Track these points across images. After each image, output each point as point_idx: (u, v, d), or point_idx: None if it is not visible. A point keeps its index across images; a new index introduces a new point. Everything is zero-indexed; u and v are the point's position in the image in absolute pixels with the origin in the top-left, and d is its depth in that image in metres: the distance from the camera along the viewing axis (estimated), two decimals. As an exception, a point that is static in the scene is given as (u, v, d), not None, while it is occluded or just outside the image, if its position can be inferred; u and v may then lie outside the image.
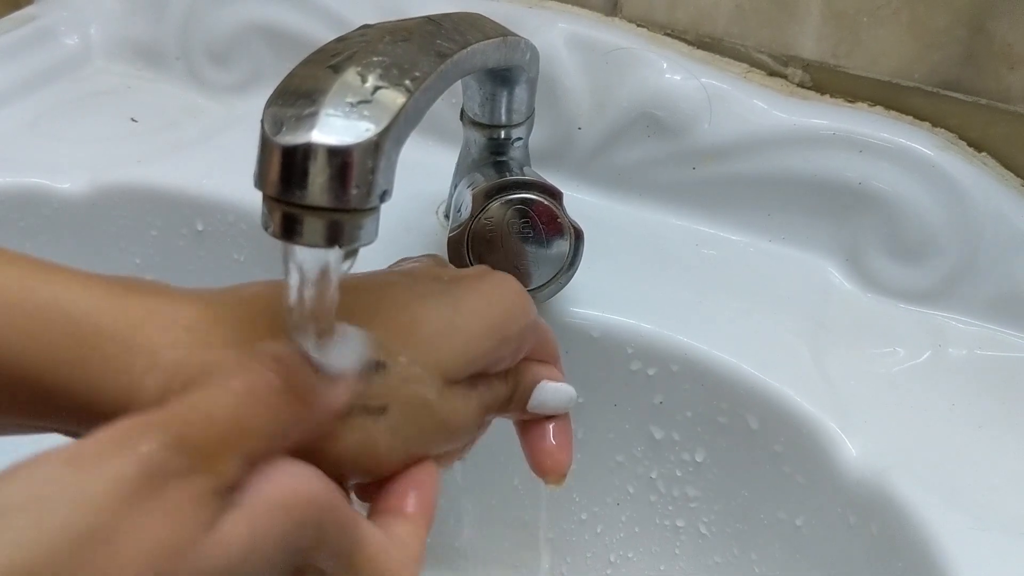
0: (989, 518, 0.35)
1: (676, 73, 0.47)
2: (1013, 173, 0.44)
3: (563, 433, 0.32)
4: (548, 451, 0.32)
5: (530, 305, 0.31)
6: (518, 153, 0.42)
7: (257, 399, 0.22)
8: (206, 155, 0.51)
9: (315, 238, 0.23)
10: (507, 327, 0.29)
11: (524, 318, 0.30)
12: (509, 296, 0.30)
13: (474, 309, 0.29)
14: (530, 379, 0.32)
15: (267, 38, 0.54)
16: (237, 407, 0.22)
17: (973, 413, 0.40)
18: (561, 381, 0.32)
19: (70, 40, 0.59)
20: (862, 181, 0.45)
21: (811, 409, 0.39)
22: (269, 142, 0.23)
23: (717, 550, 0.44)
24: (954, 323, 0.45)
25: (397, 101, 0.24)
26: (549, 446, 0.32)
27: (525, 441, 0.32)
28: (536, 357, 0.32)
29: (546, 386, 0.32)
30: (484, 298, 0.30)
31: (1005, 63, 0.42)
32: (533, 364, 0.32)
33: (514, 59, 0.35)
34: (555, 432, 0.32)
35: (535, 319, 0.31)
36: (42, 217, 0.49)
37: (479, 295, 0.30)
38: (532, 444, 0.32)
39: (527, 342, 0.31)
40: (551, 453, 0.32)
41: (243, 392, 0.22)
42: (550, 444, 0.32)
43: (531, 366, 0.32)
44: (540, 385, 0.32)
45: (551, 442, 0.32)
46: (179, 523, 0.19)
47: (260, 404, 0.22)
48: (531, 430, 0.32)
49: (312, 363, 0.24)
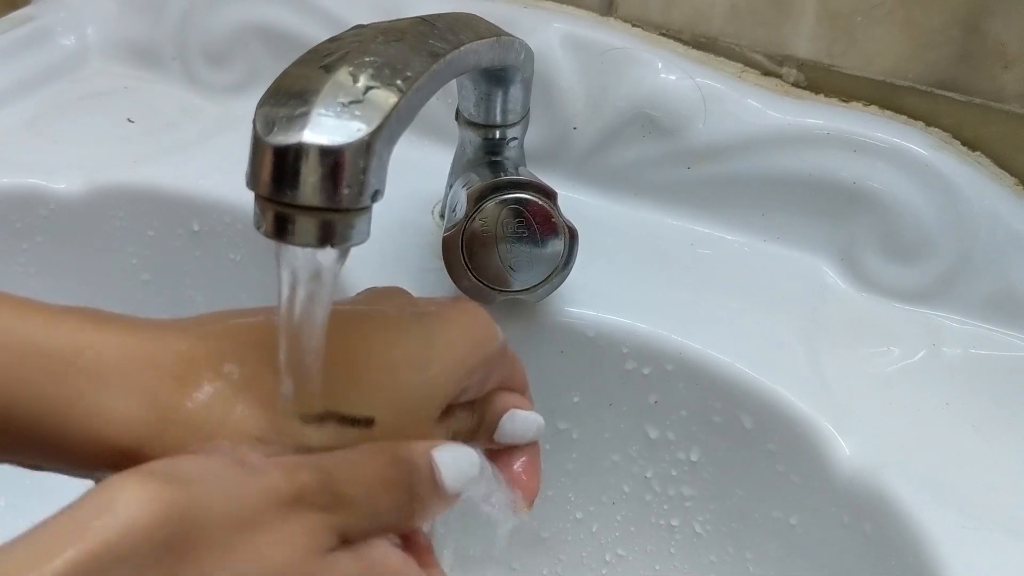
0: (982, 517, 0.35)
1: (671, 73, 0.47)
2: (1007, 172, 0.44)
3: (532, 463, 0.32)
4: (516, 480, 0.32)
5: (497, 333, 0.31)
6: (513, 153, 0.42)
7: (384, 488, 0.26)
8: (203, 156, 0.51)
9: (307, 238, 0.24)
10: (475, 356, 0.29)
11: (491, 346, 0.30)
12: (478, 325, 0.30)
13: (447, 342, 0.29)
14: (499, 408, 0.31)
15: (264, 39, 0.54)
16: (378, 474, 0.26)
17: (967, 412, 0.41)
18: (530, 410, 0.32)
19: (67, 41, 0.59)
20: (857, 181, 0.45)
21: (805, 408, 0.39)
22: (261, 142, 0.23)
23: (712, 549, 0.44)
24: (949, 322, 0.45)
25: (389, 101, 0.24)
26: (517, 475, 0.32)
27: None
28: (505, 386, 0.32)
29: (515, 415, 0.31)
30: (455, 328, 0.29)
31: (999, 63, 0.42)
32: (502, 393, 0.32)
33: (508, 59, 0.35)
34: (524, 463, 0.32)
35: (502, 346, 0.31)
36: (39, 218, 0.49)
37: (450, 326, 0.29)
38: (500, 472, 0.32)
39: (495, 371, 0.31)
40: (519, 482, 0.32)
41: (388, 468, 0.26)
42: (518, 474, 0.32)
43: (500, 395, 0.32)
44: (509, 414, 0.31)
45: (519, 472, 0.32)
46: (306, 534, 0.23)
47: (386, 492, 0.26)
48: (499, 460, 0.32)
49: (435, 475, 0.27)
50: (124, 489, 0.20)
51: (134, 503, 0.20)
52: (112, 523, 0.20)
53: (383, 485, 0.26)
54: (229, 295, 0.50)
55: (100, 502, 0.20)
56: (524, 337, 0.42)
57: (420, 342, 0.28)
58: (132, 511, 0.20)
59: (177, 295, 0.51)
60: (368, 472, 0.25)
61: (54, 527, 0.20)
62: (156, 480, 0.21)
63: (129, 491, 0.20)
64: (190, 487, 0.21)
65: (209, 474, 0.22)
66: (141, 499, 0.20)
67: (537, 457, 0.33)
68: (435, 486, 0.27)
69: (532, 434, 0.32)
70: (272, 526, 0.23)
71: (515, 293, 0.40)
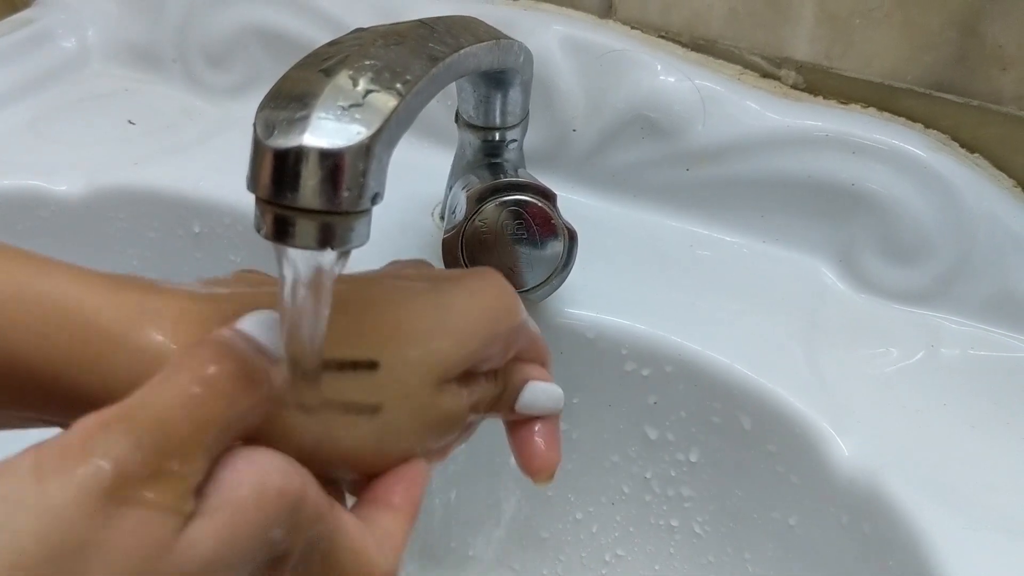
0: (981, 517, 0.35)
1: (670, 75, 0.47)
2: (1006, 174, 0.44)
3: (551, 433, 0.32)
4: (536, 451, 0.32)
5: (519, 304, 0.31)
6: (513, 155, 0.42)
7: (210, 389, 0.22)
8: (203, 157, 0.51)
9: (307, 240, 0.24)
10: (496, 325, 0.30)
11: (514, 316, 0.31)
12: (498, 294, 0.31)
13: (464, 307, 0.29)
14: (519, 379, 0.32)
15: (264, 41, 0.55)
16: (190, 399, 0.21)
17: (966, 413, 0.41)
18: (550, 382, 0.32)
19: (68, 43, 0.59)
20: (855, 182, 0.45)
21: (804, 409, 0.40)
22: (261, 145, 0.23)
23: (711, 549, 0.44)
24: (947, 323, 0.45)
25: (388, 104, 0.24)
26: (537, 446, 0.32)
27: (513, 441, 0.33)
28: (526, 358, 0.32)
29: (535, 386, 0.32)
30: (474, 296, 0.30)
31: (997, 64, 0.42)
32: (522, 364, 0.32)
33: (507, 62, 0.36)
34: (543, 432, 0.32)
35: (525, 318, 0.31)
36: (39, 219, 0.49)
37: (469, 293, 0.30)
38: (520, 444, 0.32)
39: (516, 341, 0.31)
40: (539, 453, 0.32)
41: (194, 383, 0.22)
42: (538, 444, 0.32)
43: (520, 366, 0.32)
44: (529, 385, 0.32)
45: (539, 441, 0.32)
46: (148, 531, 0.19)
47: (214, 394, 0.22)
48: (519, 430, 0.32)
49: (259, 346, 0.24)
50: None
51: None
52: None
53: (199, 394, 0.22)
54: (229, 296, 0.50)
55: None
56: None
57: (432, 307, 0.28)
58: None
59: (178, 296, 0.51)
60: (178, 388, 0.21)
61: None
62: None
63: None
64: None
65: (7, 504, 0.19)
66: None
67: (557, 428, 0.33)
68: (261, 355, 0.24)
69: (552, 405, 0.32)
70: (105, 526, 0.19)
71: (515, 294, 0.40)
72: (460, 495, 0.48)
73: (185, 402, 0.21)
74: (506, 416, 0.32)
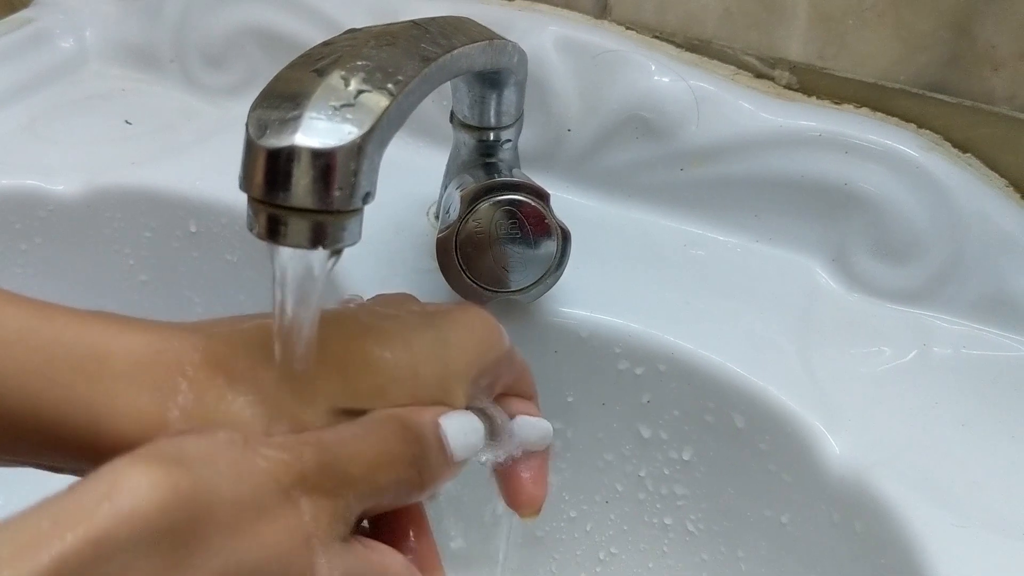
0: (971, 515, 0.36)
1: (664, 75, 0.47)
2: (997, 174, 0.44)
3: (539, 467, 0.32)
4: (523, 486, 0.31)
5: (504, 336, 0.31)
6: (507, 155, 0.43)
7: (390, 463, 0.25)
8: (200, 157, 0.52)
9: (299, 239, 0.24)
10: (486, 356, 0.30)
11: (500, 346, 0.30)
12: (486, 326, 0.30)
13: (459, 341, 0.29)
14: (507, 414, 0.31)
15: (261, 41, 0.55)
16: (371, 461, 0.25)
17: (957, 412, 0.41)
18: (538, 416, 0.32)
19: (65, 43, 0.59)
20: (848, 182, 0.45)
21: (796, 408, 0.40)
22: (254, 145, 0.23)
23: (704, 547, 0.45)
24: (940, 322, 0.45)
25: (380, 104, 0.25)
26: (524, 481, 0.31)
27: (500, 475, 0.32)
28: (513, 392, 0.32)
29: (523, 421, 0.31)
30: (465, 329, 0.30)
31: (989, 65, 0.43)
32: (510, 399, 0.32)
33: (501, 62, 0.36)
34: (531, 467, 0.31)
35: (510, 350, 0.31)
36: (37, 219, 0.50)
37: (460, 327, 0.30)
38: (507, 478, 0.32)
39: (503, 374, 0.31)
40: (525, 488, 0.31)
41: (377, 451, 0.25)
42: (525, 480, 0.31)
43: (508, 401, 0.32)
44: (516, 420, 0.31)
45: (526, 476, 0.31)
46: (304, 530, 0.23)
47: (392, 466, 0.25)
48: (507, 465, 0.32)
49: (444, 443, 0.26)
50: (127, 474, 0.20)
51: (138, 488, 0.20)
52: (114, 509, 0.19)
53: (389, 459, 0.25)
54: (226, 296, 0.50)
55: (103, 486, 0.20)
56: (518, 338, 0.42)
57: (435, 343, 0.29)
58: (136, 496, 0.20)
59: (174, 296, 0.51)
60: (373, 446, 0.25)
61: (54, 509, 0.19)
62: (160, 463, 0.21)
63: (133, 475, 0.20)
64: (195, 469, 0.21)
65: (213, 455, 0.22)
66: (144, 484, 0.20)
67: (545, 464, 0.32)
68: (443, 455, 0.27)
69: (540, 439, 0.32)
70: (275, 511, 0.22)
71: (509, 294, 0.40)
72: (453, 493, 0.48)
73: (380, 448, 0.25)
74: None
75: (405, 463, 0.26)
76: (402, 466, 0.26)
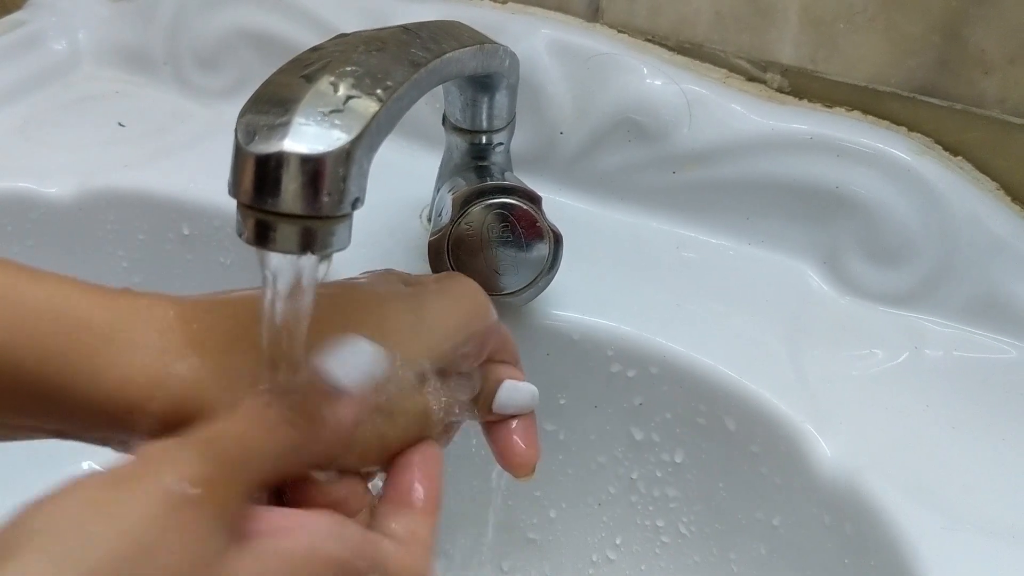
0: (961, 518, 0.36)
1: (657, 79, 0.47)
2: (988, 177, 0.45)
3: (529, 429, 0.33)
4: (516, 448, 0.32)
5: (491, 305, 0.32)
6: (499, 158, 0.43)
7: (267, 430, 0.24)
8: (193, 160, 0.52)
9: (288, 245, 0.24)
10: (470, 325, 0.31)
11: (487, 316, 0.32)
12: (471, 296, 0.32)
13: (439, 309, 0.30)
14: (494, 380, 0.32)
15: (254, 44, 0.55)
16: (246, 438, 0.24)
17: (948, 414, 0.41)
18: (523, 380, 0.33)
19: (59, 45, 0.59)
20: (840, 185, 0.45)
21: (788, 411, 0.40)
22: (242, 151, 0.23)
23: (696, 550, 0.45)
24: (931, 325, 0.45)
25: (369, 110, 0.25)
26: (516, 443, 0.33)
27: (492, 440, 0.33)
28: (498, 359, 0.33)
29: (510, 385, 0.32)
30: (447, 298, 0.31)
31: (979, 68, 0.43)
32: (496, 365, 0.33)
33: (492, 66, 0.36)
34: (521, 429, 0.33)
35: (496, 321, 0.32)
36: (29, 222, 0.50)
37: (442, 296, 0.31)
38: (500, 442, 0.33)
39: (489, 342, 0.32)
40: (519, 450, 0.32)
41: (253, 423, 0.24)
42: (516, 441, 0.33)
43: (494, 367, 0.33)
44: (503, 384, 0.32)
45: (518, 439, 0.33)
46: (198, 548, 0.21)
47: (269, 434, 0.24)
48: (498, 429, 0.33)
49: (324, 384, 0.26)
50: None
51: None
52: None
53: (273, 426, 0.24)
54: (219, 298, 0.50)
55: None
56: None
57: (408, 310, 0.29)
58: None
59: (167, 298, 0.51)
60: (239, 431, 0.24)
61: None
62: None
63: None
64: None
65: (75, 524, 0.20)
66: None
67: (534, 425, 0.33)
68: (325, 402, 0.26)
69: (527, 402, 0.33)
70: (164, 539, 0.20)
71: (501, 296, 0.40)
72: (446, 496, 0.48)
73: (240, 440, 0.24)
74: (484, 417, 0.33)
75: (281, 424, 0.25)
76: (287, 428, 0.25)
